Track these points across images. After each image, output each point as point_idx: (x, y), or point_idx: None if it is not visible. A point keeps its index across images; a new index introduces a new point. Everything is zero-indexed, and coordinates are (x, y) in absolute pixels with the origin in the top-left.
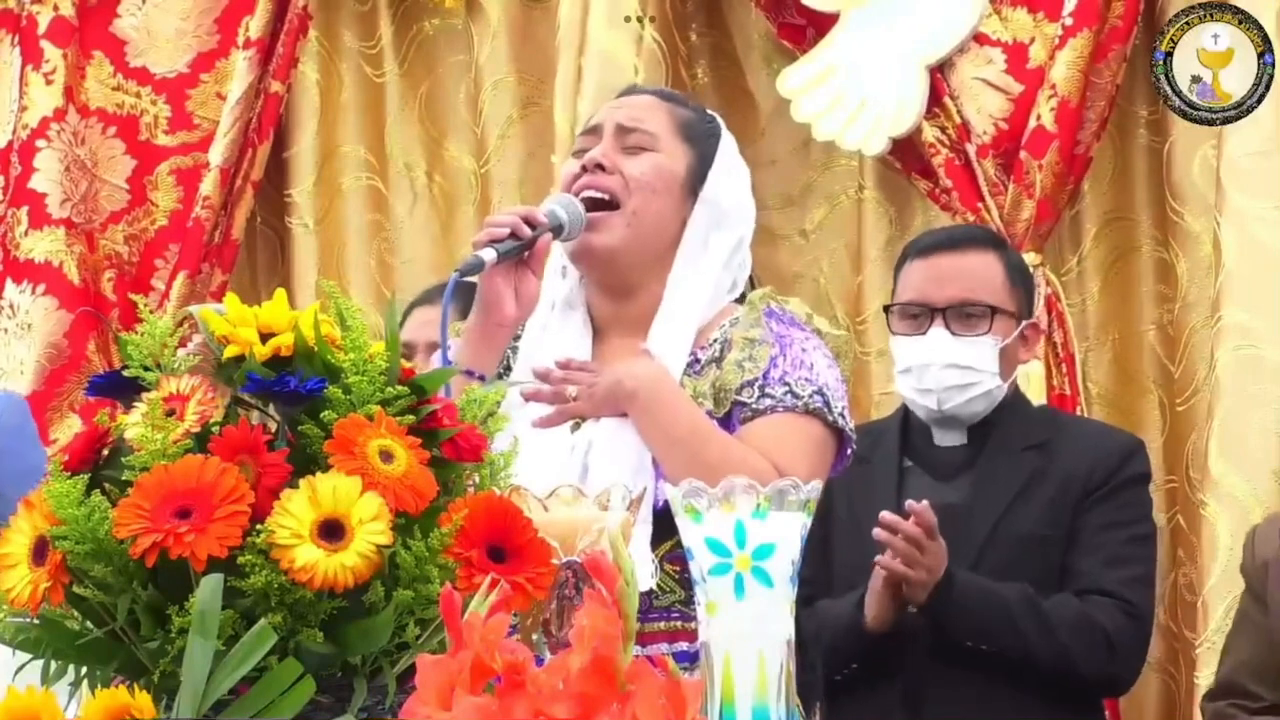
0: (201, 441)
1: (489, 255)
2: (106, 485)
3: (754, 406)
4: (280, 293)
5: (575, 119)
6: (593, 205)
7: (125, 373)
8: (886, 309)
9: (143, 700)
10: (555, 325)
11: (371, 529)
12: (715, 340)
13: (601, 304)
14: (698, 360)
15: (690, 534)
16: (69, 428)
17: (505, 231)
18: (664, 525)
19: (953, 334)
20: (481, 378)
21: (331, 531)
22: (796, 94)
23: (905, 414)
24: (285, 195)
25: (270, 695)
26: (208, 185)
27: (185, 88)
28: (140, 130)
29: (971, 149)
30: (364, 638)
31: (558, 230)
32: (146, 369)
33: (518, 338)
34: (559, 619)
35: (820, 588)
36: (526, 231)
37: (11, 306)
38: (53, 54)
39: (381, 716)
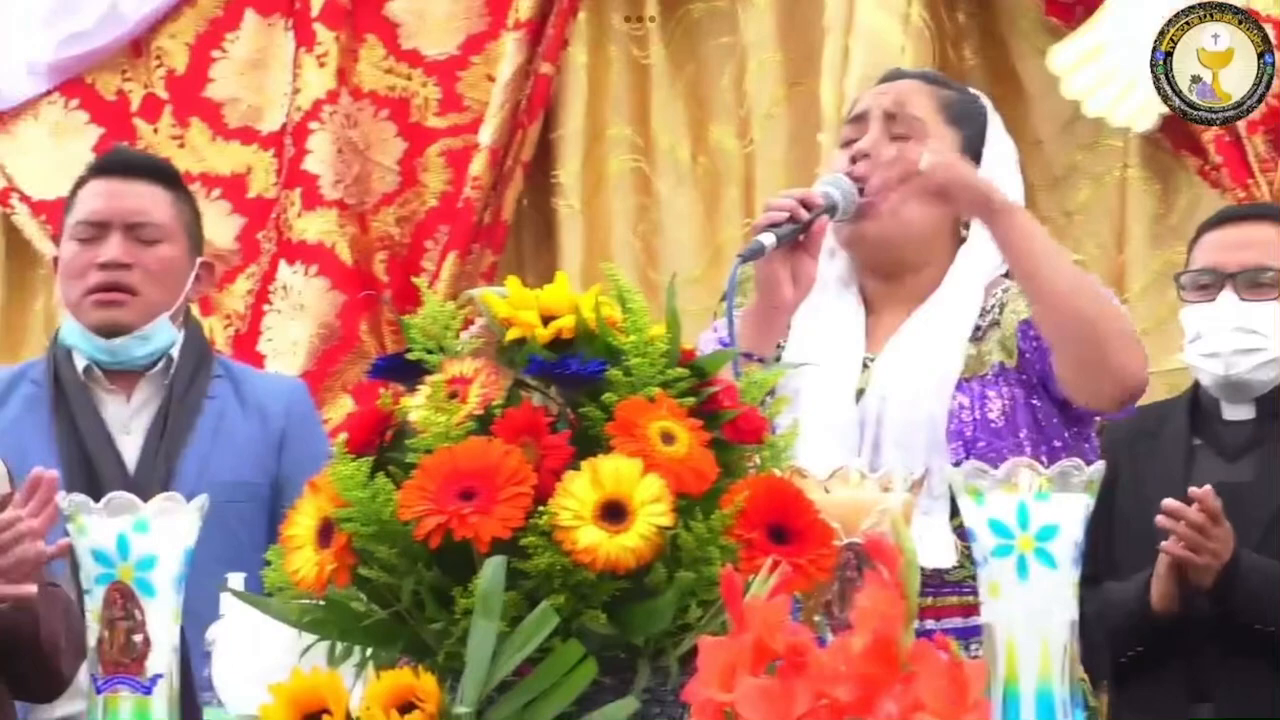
0: (484, 424)
1: (769, 240)
2: (391, 468)
3: None
4: (562, 275)
5: (842, 98)
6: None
7: (408, 356)
8: (1178, 279)
9: (426, 682)
10: (827, 305)
11: (653, 510)
12: (992, 306)
13: (874, 284)
14: (979, 327)
15: (972, 515)
16: (341, 408)
17: (784, 215)
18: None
19: (1242, 299)
20: (761, 360)
21: (613, 513)
22: (1066, 71)
23: (1195, 391)
24: (551, 176)
25: (553, 677)
26: (477, 166)
27: (455, 70)
28: (411, 113)
29: (1241, 125)
30: (646, 619)
31: (832, 210)
32: (429, 352)
33: None
34: (841, 600)
35: (1104, 565)
36: (804, 214)
37: (285, 287)
38: (325, 37)
39: (664, 698)
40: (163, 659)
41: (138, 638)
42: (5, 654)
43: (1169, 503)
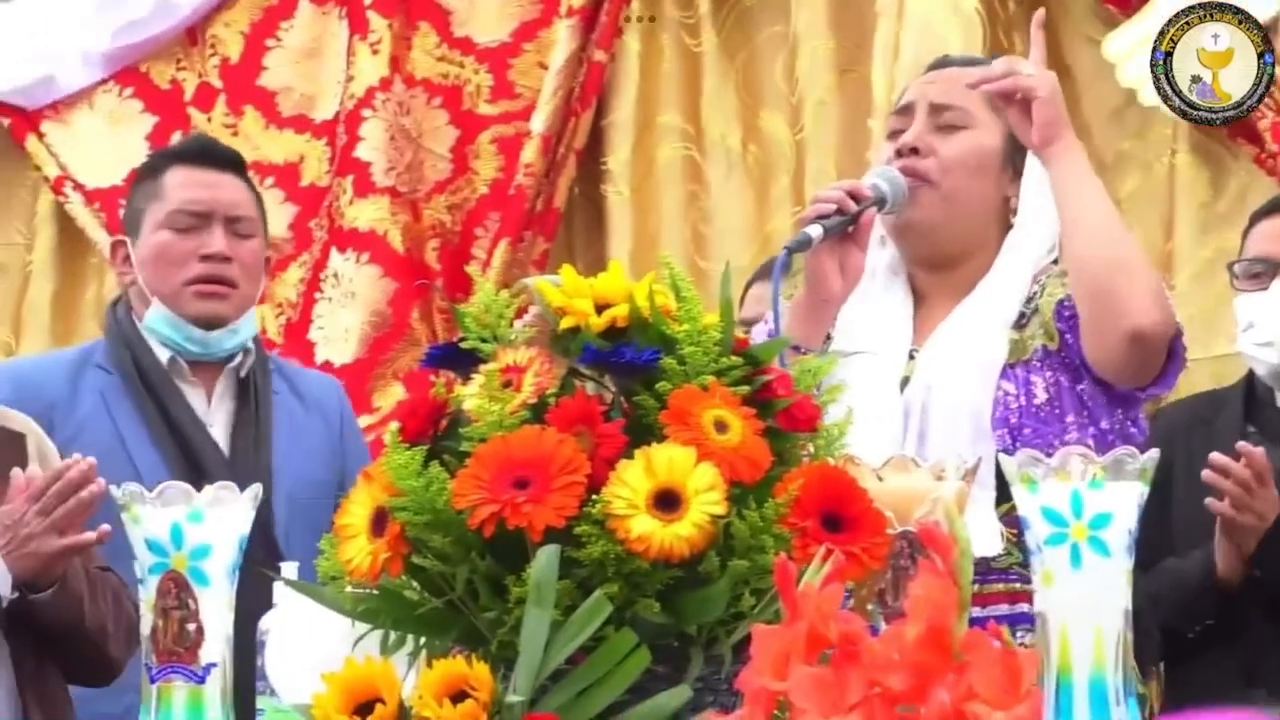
0: (538, 412)
1: (816, 232)
2: (445, 456)
3: None
4: (616, 264)
5: (893, 85)
6: None
7: (462, 344)
8: (1230, 268)
9: (480, 670)
10: (876, 294)
11: (707, 499)
12: (1034, 293)
13: (922, 275)
14: (1023, 314)
15: (1026, 503)
16: (393, 395)
17: (831, 207)
18: (1003, 485)
19: None
20: (808, 353)
21: (667, 502)
22: (1121, 59)
23: (1250, 380)
24: (601, 163)
25: (607, 665)
26: (530, 153)
27: (507, 57)
28: (463, 100)
29: None
30: (700, 608)
31: (881, 203)
32: (484, 340)
33: None
34: (894, 589)
35: (1159, 552)
36: (852, 206)
37: (336, 275)
38: (379, 24)
39: (717, 686)
40: (216, 648)
41: (191, 627)
42: (53, 641)
43: (1216, 457)
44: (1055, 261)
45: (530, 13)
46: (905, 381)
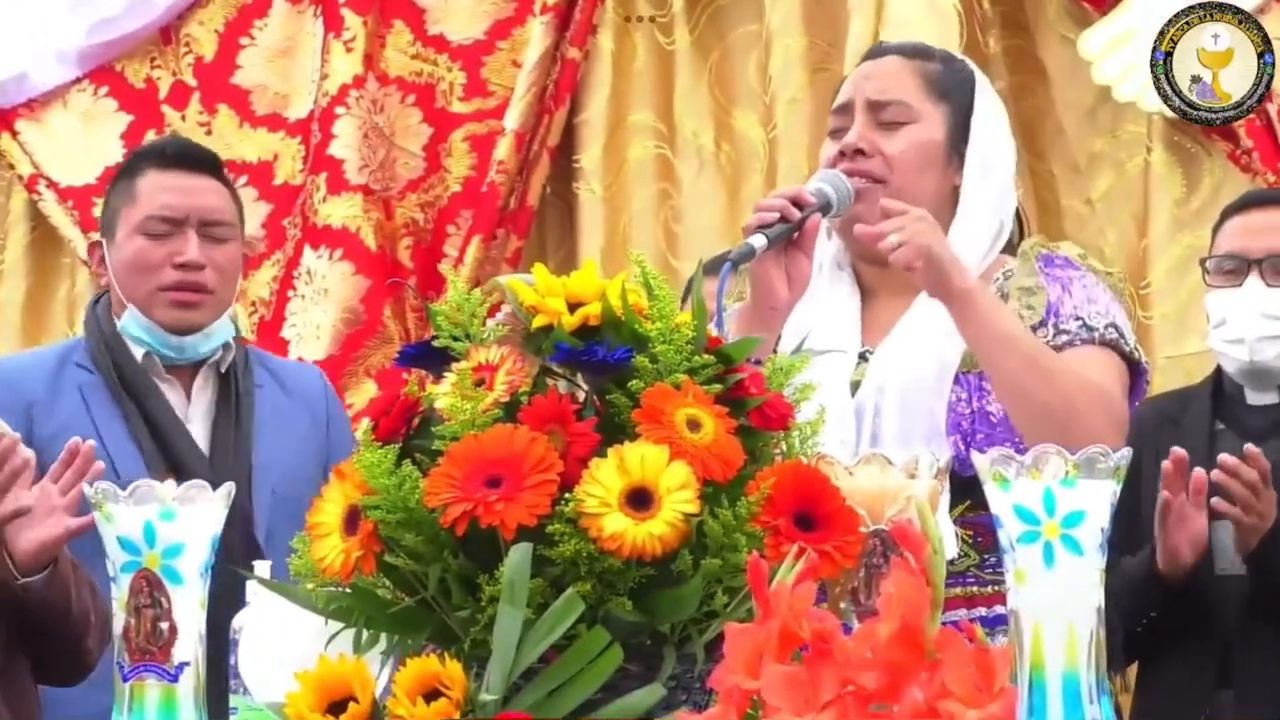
0: (510, 411)
1: (759, 242)
2: (417, 455)
3: (1052, 343)
4: (590, 262)
5: None
6: None
7: (435, 343)
8: (1203, 263)
9: (453, 669)
10: (823, 289)
11: (679, 498)
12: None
13: (869, 270)
14: None
15: (998, 501)
16: (365, 392)
17: (774, 216)
18: (956, 489)
19: (1267, 285)
20: (758, 362)
21: (640, 500)
22: (1098, 57)
23: (1218, 377)
24: (574, 161)
25: (579, 663)
26: (502, 150)
27: (481, 55)
28: (436, 98)
29: (1273, 109)
30: (672, 606)
31: (826, 208)
32: (456, 339)
33: None
34: (867, 587)
35: (1128, 551)
36: (795, 214)
37: (309, 272)
38: (353, 22)
39: (690, 685)
40: (189, 647)
41: (164, 625)
42: (35, 632)
43: (1226, 459)
44: (1008, 249)
45: (504, 11)
46: (857, 385)
